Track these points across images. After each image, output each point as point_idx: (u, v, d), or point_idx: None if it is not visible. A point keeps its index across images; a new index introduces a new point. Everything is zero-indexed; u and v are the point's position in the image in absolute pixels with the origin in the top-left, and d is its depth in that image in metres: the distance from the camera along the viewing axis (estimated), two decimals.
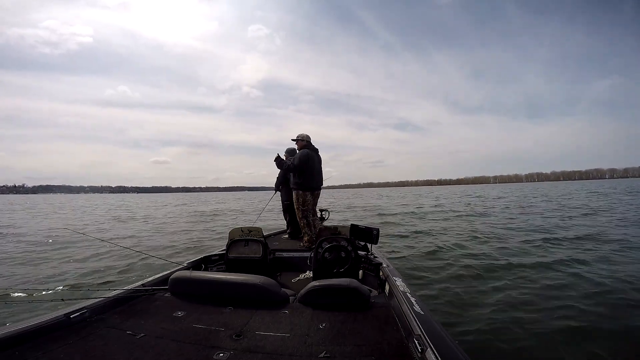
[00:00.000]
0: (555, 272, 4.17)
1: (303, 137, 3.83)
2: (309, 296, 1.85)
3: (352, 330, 1.51)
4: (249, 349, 1.35)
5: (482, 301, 3.29)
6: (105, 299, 1.81)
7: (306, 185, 3.67)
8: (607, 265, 4.43)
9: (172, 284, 2.00)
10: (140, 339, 1.44)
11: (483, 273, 4.25)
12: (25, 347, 1.32)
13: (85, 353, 1.31)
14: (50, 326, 1.48)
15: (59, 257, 6.11)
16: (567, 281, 3.79)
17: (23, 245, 7.46)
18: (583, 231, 7.29)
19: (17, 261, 5.83)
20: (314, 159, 3.70)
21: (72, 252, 6.53)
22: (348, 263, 2.49)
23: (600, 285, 3.58)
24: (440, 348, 1.19)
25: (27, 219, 15.06)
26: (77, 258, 5.97)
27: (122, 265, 5.25)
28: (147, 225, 12.00)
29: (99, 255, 6.03)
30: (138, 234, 9.37)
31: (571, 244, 6.00)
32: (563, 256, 4.94)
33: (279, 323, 1.61)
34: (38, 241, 7.99)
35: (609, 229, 7.48)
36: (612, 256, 4.90)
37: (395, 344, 1.38)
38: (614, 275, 3.90)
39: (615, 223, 8.50)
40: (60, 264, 5.54)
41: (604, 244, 5.81)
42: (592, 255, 4.96)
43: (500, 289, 3.61)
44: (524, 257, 5.09)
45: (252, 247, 2.74)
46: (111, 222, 13.39)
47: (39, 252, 6.60)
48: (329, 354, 1.30)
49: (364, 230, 2.87)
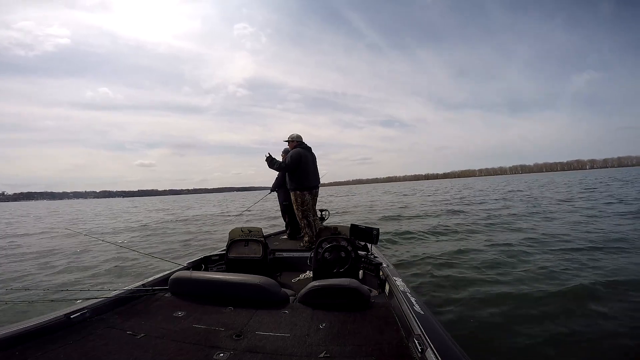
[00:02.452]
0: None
1: (295, 137, 3.85)
2: (309, 296, 1.85)
3: (352, 330, 1.51)
4: (249, 349, 1.35)
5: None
6: (105, 299, 1.82)
7: (303, 185, 3.67)
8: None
9: (173, 284, 2.00)
10: (140, 339, 1.44)
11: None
12: (26, 347, 1.33)
13: (85, 353, 1.31)
14: (51, 326, 1.48)
15: (58, 256, 6.12)
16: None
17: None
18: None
19: (15, 259, 5.84)
20: (307, 158, 3.69)
21: (71, 251, 6.53)
22: (348, 263, 2.49)
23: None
24: (440, 348, 1.19)
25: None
26: (76, 258, 5.98)
27: (122, 265, 5.26)
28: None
29: (98, 255, 6.04)
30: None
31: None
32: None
33: (279, 323, 1.61)
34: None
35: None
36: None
37: (395, 344, 1.38)
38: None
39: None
40: (59, 264, 5.54)
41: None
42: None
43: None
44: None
45: (252, 247, 2.75)
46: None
47: (40, 251, 6.61)
48: (329, 354, 1.30)
49: (364, 230, 2.88)
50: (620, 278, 3.68)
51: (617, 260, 4.42)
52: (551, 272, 4.13)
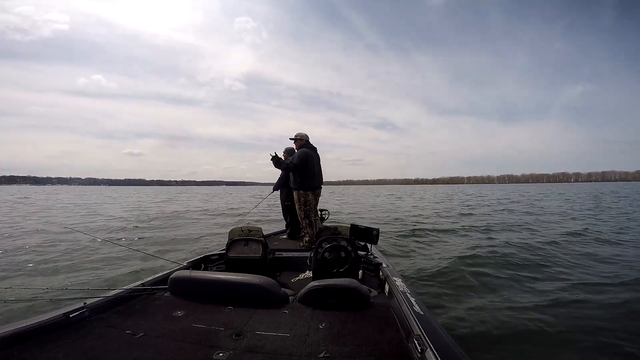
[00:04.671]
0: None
1: (302, 136, 3.81)
2: (308, 296, 1.85)
3: (352, 330, 1.51)
4: (248, 348, 1.35)
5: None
6: (104, 298, 1.81)
7: (307, 185, 3.66)
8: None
9: (172, 284, 2.00)
10: (139, 339, 1.43)
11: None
12: (25, 347, 1.32)
13: (84, 352, 1.31)
14: (50, 325, 1.47)
15: (56, 255, 6.10)
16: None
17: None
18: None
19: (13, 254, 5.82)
20: (313, 158, 3.69)
21: (69, 250, 6.52)
22: (348, 263, 2.49)
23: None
24: (440, 348, 1.19)
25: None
26: (76, 257, 5.97)
27: (122, 264, 5.25)
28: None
29: (98, 255, 6.03)
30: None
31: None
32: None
33: (278, 323, 1.60)
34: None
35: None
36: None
37: (395, 344, 1.37)
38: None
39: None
40: (57, 263, 5.53)
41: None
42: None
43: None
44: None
45: (252, 247, 2.74)
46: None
47: (31, 248, 6.58)
48: (329, 354, 1.30)
49: (364, 230, 2.87)
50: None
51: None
52: (555, 274, 4.15)
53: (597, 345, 2.43)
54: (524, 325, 2.75)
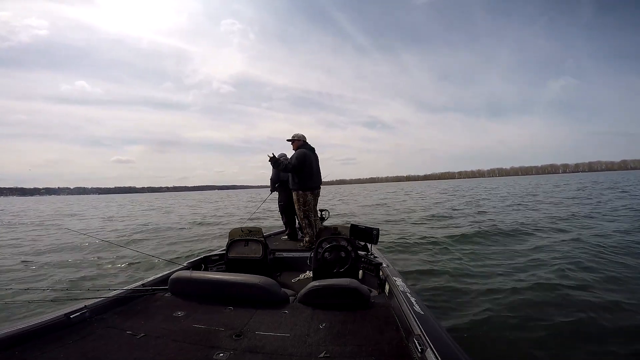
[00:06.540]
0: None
1: (299, 136, 3.82)
2: (309, 296, 1.85)
3: (352, 330, 1.51)
4: (249, 349, 1.35)
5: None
6: (105, 299, 1.82)
7: (306, 185, 3.67)
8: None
9: (172, 284, 2.00)
10: (140, 339, 1.44)
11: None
12: (25, 347, 1.33)
13: (85, 353, 1.31)
14: (50, 326, 1.48)
15: (56, 256, 6.11)
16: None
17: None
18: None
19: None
20: (311, 158, 3.69)
21: (69, 251, 6.53)
22: (348, 263, 2.49)
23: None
24: (440, 348, 1.19)
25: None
26: (76, 257, 5.97)
27: (122, 265, 5.25)
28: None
29: (97, 255, 6.03)
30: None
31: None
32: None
33: (279, 323, 1.61)
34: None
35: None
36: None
37: (395, 343, 1.38)
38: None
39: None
40: (58, 264, 5.54)
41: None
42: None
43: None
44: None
45: (252, 247, 2.74)
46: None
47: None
48: (329, 354, 1.30)
49: (364, 230, 2.87)
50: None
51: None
52: (554, 272, 4.13)
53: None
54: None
